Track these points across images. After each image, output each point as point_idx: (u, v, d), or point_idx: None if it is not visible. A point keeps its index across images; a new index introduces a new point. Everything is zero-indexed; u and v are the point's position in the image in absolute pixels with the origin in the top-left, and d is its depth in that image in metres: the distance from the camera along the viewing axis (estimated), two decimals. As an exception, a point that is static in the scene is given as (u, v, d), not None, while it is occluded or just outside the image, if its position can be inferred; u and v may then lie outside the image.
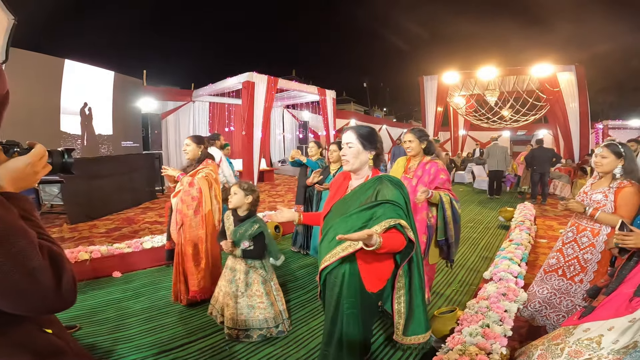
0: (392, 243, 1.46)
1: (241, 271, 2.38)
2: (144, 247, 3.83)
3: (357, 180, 1.71)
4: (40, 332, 0.79)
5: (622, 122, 16.92)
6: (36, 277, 0.64)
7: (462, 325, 2.10)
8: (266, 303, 2.38)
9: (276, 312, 2.42)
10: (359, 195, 1.63)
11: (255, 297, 2.37)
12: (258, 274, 2.40)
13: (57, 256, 0.70)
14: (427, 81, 13.18)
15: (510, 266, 2.94)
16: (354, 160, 1.65)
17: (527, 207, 5.52)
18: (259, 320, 2.36)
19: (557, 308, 2.30)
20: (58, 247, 0.73)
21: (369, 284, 1.59)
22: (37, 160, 0.80)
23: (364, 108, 35.67)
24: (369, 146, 1.66)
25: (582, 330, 1.57)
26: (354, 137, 1.65)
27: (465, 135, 17.47)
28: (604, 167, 2.16)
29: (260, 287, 2.39)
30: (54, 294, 0.67)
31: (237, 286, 2.37)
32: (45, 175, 0.85)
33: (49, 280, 0.66)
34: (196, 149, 2.94)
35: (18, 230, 0.64)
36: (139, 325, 2.62)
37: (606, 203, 2.12)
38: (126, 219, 5.93)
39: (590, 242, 2.18)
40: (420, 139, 2.67)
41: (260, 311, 2.37)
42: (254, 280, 2.39)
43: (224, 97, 11.50)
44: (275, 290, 2.48)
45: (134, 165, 7.32)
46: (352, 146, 1.65)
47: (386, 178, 1.64)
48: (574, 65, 10.45)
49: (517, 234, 4.06)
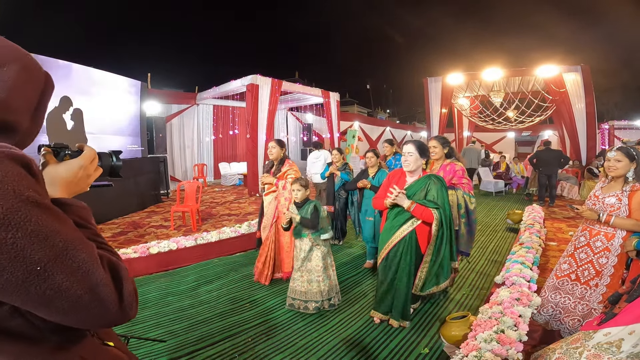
0: (421, 212, 2.35)
1: (305, 250, 2.86)
2: (151, 252, 3.81)
3: (412, 178, 2.50)
4: (103, 345, 0.77)
5: (628, 123, 16.78)
6: (98, 292, 0.60)
7: (475, 331, 2.05)
8: (323, 276, 2.82)
9: (331, 286, 2.88)
10: (415, 187, 2.45)
11: (313, 272, 2.83)
12: (320, 250, 2.86)
13: (118, 267, 0.66)
14: (432, 83, 13.12)
15: (522, 270, 2.89)
16: (414, 165, 2.44)
17: (536, 210, 5.45)
18: (314, 293, 2.81)
19: (572, 312, 2.25)
20: (117, 257, 0.69)
21: (422, 246, 2.46)
22: (89, 163, 0.77)
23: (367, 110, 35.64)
24: (423, 155, 2.47)
25: (603, 334, 1.56)
26: (414, 149, 2.43)
27: (469, 137, 17.39)
28: (619, 171, 2.12)
29: (319, 262, 2.84)
30: (116, 308, 0.62)
31: (302, 262, 2.87)
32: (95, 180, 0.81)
33: (111, 295, 0.61)
34: (280, 151, 3.52)
35: (77, 242, 0.59)
36: (146, 332, 2.60)
37: (620, 206, 2.08)
38: (131, 223, 5.93)
39: (604, 246, 2.14)
40: (443, 145, 3.14)
41: (316, 284, 2.81)
42: (315, 256, 2.85)
43: (228, 100, 11.51)
44: (332, 267, 2.95)
45: (139, 168, 7.32)
46: (412, 155, 2.43)
47: (433, 176, 2.46)
48: (579, 65, 10.36)
49: (527, 237, 4.00)
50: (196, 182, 5.77)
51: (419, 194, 2.40)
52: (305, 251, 2.85)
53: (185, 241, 4.09)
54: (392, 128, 21.04)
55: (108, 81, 7.09)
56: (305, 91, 11.06)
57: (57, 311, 0.57)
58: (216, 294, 3.23)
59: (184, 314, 2.88)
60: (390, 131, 20.45)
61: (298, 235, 2.91)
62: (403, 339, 2.46)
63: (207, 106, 11.44)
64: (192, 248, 4.09)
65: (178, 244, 4.01)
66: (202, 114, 11.34)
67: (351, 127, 16.08)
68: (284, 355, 2.29)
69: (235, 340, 2.47)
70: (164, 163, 8.54)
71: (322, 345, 2.41)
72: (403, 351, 2.32)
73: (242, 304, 3.03)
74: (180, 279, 3.62)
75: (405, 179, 2.52)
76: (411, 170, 2.45)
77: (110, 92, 7.11)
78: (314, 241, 2.86)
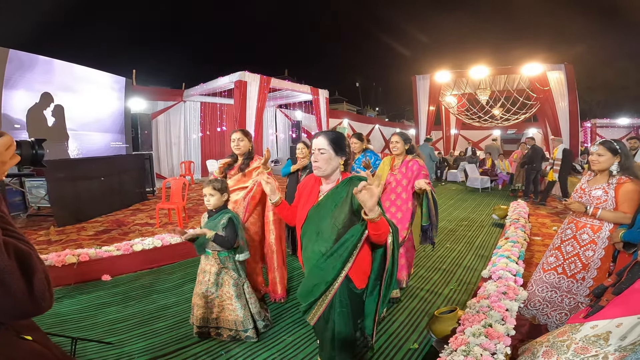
0: (383, 222, 1.46)
1: (212, 272, 2.33)
2: (134, 249, 3.72)
3: (327, 185, 1.69)
4: (19, 339, 0.74)
5: (610, 121, 17.22)
6: (3, 280, 0.56)
7: (464, 325, 2.06)
8: (236, 305, 2.32)
9: (246, 316, 2.34)
10: (333, 198, 1.62)
11: (225, 298, 2.33)
12: (229, 276, 2.34)
13: (27, 256, 0.63)
14: (420, 80, 13.23)
15: (508, 264, 2.92)
16: (326, 167, 1.63)
17: (521, 205, 5.54)
18: (228, 320, 2.34)
19: (559, 306, 2.28)
20: (27, 245, 0.66)
21: (357, 282, 1.60)
22: (4, 150, 0.74)
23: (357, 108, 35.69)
24: (340, 152, 1.65)
25: (590, 327, 1.56)
26: (326, 143, 1.62)
27: (457, 134, 17.60)
28: (601, 165, 2.15)
29: (230, 289, 2.33)
30: (25, 298, 0.59)
31: (207, 287, 2.33)
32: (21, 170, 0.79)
33: (17, 283, 0.58)
34: (248, 144, 2.88)
35: None
36: (130, 330, 2.53)
37: (607, 199, 2.10)
38: (115, 221, 5.79)
39: (591, 239, 2.17)
40: (405, 141, 3.05)
41: (229, 312, 2.33)
42: (225, 282, 2.34)
43: (216, 97, 11.36)
44: (248, 293, 2.40)
45: (123, 166, 7.16)
46: (324, 152, 1.62)
47: (356, 178, 1.63)
48: (563, 64, 10.57)
49: (513, 232, 4.05)
50: (182, 179, 5.67)
51: (341, 206, 1.60)
52: (213, 274, 2.33)
53: (170, 238, 4.01)
54: (381, 126, 21.15)
55: (91, 77, 6.91)
56: (294, 88, 11.02)
57: None
58: (203, 292, 3.17)
59: (169, 311, 2.82)
60: (380, 129, 20.55)
61: (201, 251, 2.36)
62: (392, 335, 2.45)
63: (194, 103, 11.27)
64: (178, 245, 4.01)
65: (163, 241, 3.93)
66: (189, 110, 11.17)
67: (340, 124, 16.08)
68: (271, 352, 2.26)
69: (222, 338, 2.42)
70: (150, 160, 8.38)
71: (311, 342, 2.39)
72: (392, 347, 2.32)
73: (229, 301, 2.98)
74: (165, 276, 3.55)
75: (319, 187, 1.74)
76: (324, 174, 1.66)
77: (93, 88, 6.94)
78: (221, 263, 2.32)
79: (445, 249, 4.36)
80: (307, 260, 1.67)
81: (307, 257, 1.67)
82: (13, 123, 5.50)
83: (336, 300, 1.59)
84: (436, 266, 3.76)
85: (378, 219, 1.40)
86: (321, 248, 1.59)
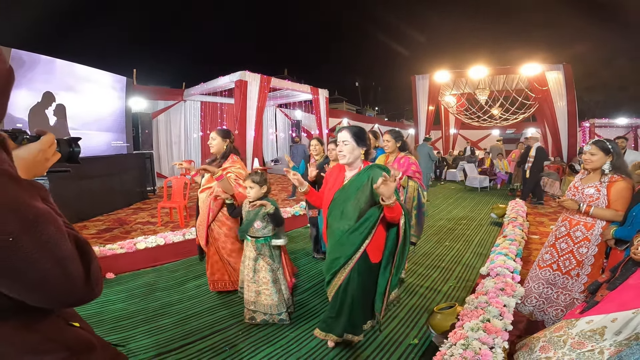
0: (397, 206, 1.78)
1: (251, 258, 2.52)
2: (138, 247, 3.76)
3: (351, 172, 2.03)
4: (68, 325, 0.78)
5: (608, 121, 17.26)
6: (66, 266, 0.61)
7: (462, 320, 2.11)
8: (272, 290, 2.50)
9: (280, 300, 2.53)
10: (356, 183, 1.95)
11: (261, 284, 2.52)
12: (265, 262, 2.51)
13: (84, 244, 0.68)
14: (419, 80, 13.27)
15: (506, 261, 2.97)
16: (350, 155, 1.97)
17: (519, 204, 5.59)
18: (263, 304, 2.53)
19: (555, 302, 2.33)
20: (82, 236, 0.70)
21: (373, 257, 1.93)
22: (48, 147, 0.80)
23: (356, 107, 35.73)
24: (362, 143, 1.99)
25: (585, 322, 1.60)
26: (349, 136, 1.96)
27: (456, 134, 17.64)
28: (594, 164, 2.20)
29: (267, 274, 2.51)
30: (83, 284, 0.64)
31: (247, 272, 2.55)
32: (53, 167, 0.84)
33: (78, 270, 0.63)
34: (221, 143, 2.92)
35: (47, 215, 0.61)
36: (134, 327, 2.57)
37: (599, 197, 2.16)
38: (117, 219, 5.83)
39: (584, 236, 2.22)
40: (396, 139, 3.21)
41: (264, 297, 2.51)
42: (262, 268, 2.51)
43: (216, 96, 11.39)
44: (282, 280, 2.58)
45: (124, 165, 7.20)
46: (348, 143, 1.95)
47: (376, 166, 1.97)
48: (562, 64, 10.62)
49: (511, 230, 4.10)
50: (183, 178, 5.71)
51: (363, 189, 1.91)
52: (251, 260, 2.52)
53: (173, 236, 4.05)
54: (380, 125, 21.19)
55: (92, 77, 6.93)
56: (294, 88, 11.04)
57: (24, 286, 0.58)
58: (205, 289, 3.21)
59: (173, 308, 2.86)
60: (379, 128, 20.58)
61: (243, 235, 2.54)
62: (392, 331, 2.50)
63: (194, 102, 11.29)
64: (180, 243, 4.05)
65: (166, 239, 3.97)
66: (189, 110, 11.19)
67: (340, 123, 16.12)
68: (274, 348, 2.31)
69: (227, 334, 2.47)
70: (150, 159, 8.41)
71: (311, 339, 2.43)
72: (392, 343, 2.36)
73: (232, 297, 3.02)
74: (168, 274, 3.59)
75: (345, 173, 2.06)
76: (348, 162, 1.98)
77: (94, 88, 6.96)
78: (258, 250, 2.49)
79: (445, 247, 4.41)
80: (332, 236, 2.01)
81: (331, 232, 2.01)
82: (15, 122, 5.53)
83: (354, 272, 1.92)
84: (435, 264, 3.81)
85: (394, 204, 1.74)
86: (345, 226, 1.91)
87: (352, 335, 2.09)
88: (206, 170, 2.75)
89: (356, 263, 1.90)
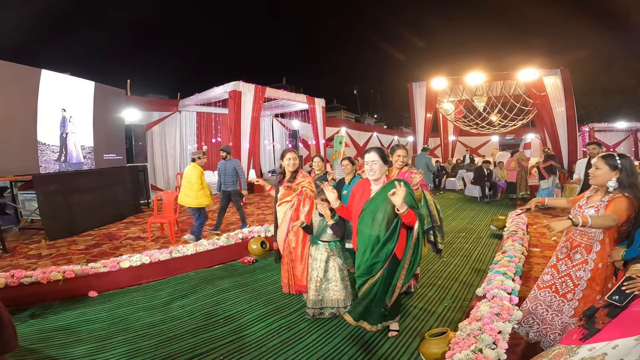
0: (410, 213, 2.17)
1: (322, 260, 2.84)
2: (121, 266, 3.63)
3: (377, 186, 2.45)
4: None
5: (608, 125, 17.15)
6: None
7: (453, 350, 1.97)
8: (340, 286, 2.84)
9: (347, 295, 2.87)
10: (382, 195, 2.33)
11: (331, 281, 2.85)
12: (336, 262, 2.85)
13: None
14: (416, 87, 13.21)
15: (504, 282, 2.83)
16: (379, 173, 2.40)
17: (519, 215, 5.43)
18: (331, 300, 2.84)
19: (551, 325, 2.19)
20: None
21: (399, 253, 2.31)
22: None
23: (355, 115, 35.72)
24: (386, 162, 2.46)
25: (587, 349, 1.51)
26: (377, 157, 2.40)
27: (455, 141, 17.56)
28: (597, 179, 2.06)
29: (337, 273, 2.84)
30: None
31: (317, 273, 2.84)
32: None
33: None
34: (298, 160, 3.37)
35: None
36: (112, 348, 2.45)
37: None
38: (107, 234, 5.71)
39: (583, 259, 2.07)
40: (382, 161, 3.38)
41: (333, 292, 2.84)
42: (332, 267, 2.84)
43: (212, 106, 11.33)
44: (347, 277, 2.93)
45: (117, 178, 7.11)
46: (376, 163, 2.40)
47: (395, 180, 2.27)
48: (559, 69, 10.56)
49: (510, 245, 3.96)
50: (175, 192, 5.60)
51: (388, 200, 2.25)
52: (322, 261, 2.84)
53: (159, 254, 3.92)
54: (379, 133, 21.13)
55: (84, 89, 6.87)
56: (289, 97, 10.98)
57: None
58: (189, 309, 3.08)
59: (154, 329, 2.73)
60: (377, 136, 20.52)
61: (314, 242, 2.91)
62: (383, 355, 2.35)
63: (190, 113, 11.24)
64: (168, 261, 3.93)
65: (151, 257, 3.84)
66: (184, 121, 11.13)
67: (338, 132, 16.04)
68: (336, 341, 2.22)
69: (206, 359, 2.33)
70: (144, 172, 8.32)
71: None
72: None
73: (217, 319, 2.89)
74: (153, 293, 3.46)
75: (371, 187, 2.48)
76: (377, 178, 2.41)
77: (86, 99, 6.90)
78: (331, 251, 2.85)
79: (442, 262, 4.27)
80: (363, 241, 2.39)
81: (363, 238, 2.40)
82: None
83: (385, 270, 2.32)
84: (431, 282, 3.66)
85: (406, 212, 2.13)
86: (376, 232, 2.32)
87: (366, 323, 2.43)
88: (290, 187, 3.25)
89: (388, 263, 2.31)
